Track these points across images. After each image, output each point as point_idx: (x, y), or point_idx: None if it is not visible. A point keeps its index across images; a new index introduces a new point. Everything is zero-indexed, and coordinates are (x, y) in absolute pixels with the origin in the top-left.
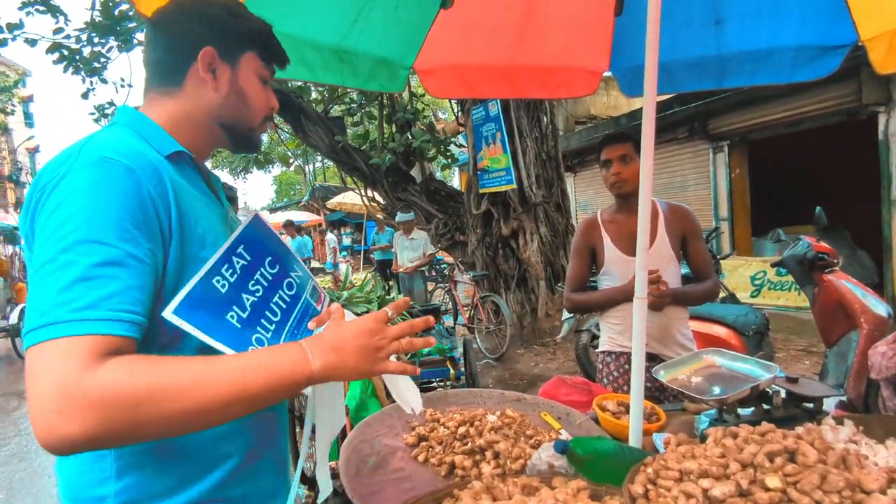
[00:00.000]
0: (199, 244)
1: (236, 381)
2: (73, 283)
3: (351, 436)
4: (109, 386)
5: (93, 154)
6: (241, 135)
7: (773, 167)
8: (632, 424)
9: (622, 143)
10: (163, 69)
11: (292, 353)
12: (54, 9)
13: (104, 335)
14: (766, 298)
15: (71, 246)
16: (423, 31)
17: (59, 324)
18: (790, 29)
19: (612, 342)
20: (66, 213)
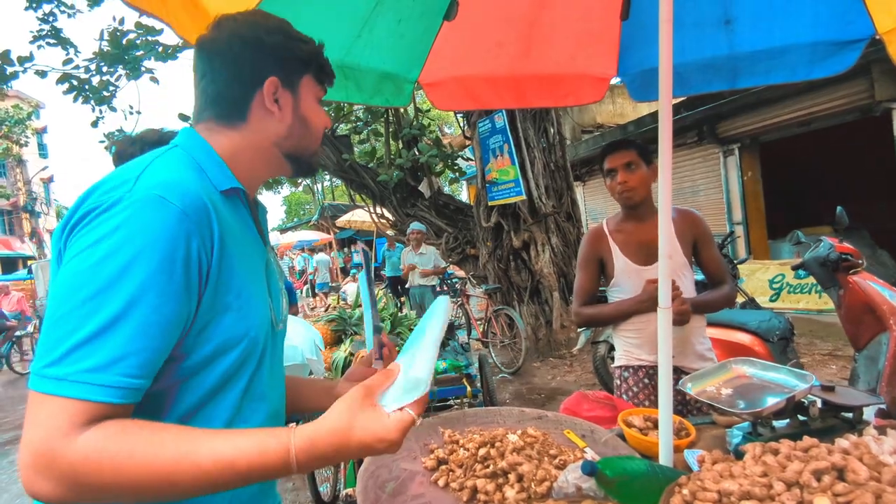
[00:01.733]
0: (235, 292)
1: (206, 476)
2: (92, 336)
3: (367, 461)
4: (80, 459)
5: (149, 189)
6: (304, 161)
7: (786, 169)
8: (661, 441)
9: (626, 150)
10: (224, 102)
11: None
12: (64, 41)
13: (99, 402)
14: (786, 302)
15: (101, 291)
16: (427, 45)
17: (61, 381)
18: (804, 25)
19: (628, 356)
20: (106, 250)
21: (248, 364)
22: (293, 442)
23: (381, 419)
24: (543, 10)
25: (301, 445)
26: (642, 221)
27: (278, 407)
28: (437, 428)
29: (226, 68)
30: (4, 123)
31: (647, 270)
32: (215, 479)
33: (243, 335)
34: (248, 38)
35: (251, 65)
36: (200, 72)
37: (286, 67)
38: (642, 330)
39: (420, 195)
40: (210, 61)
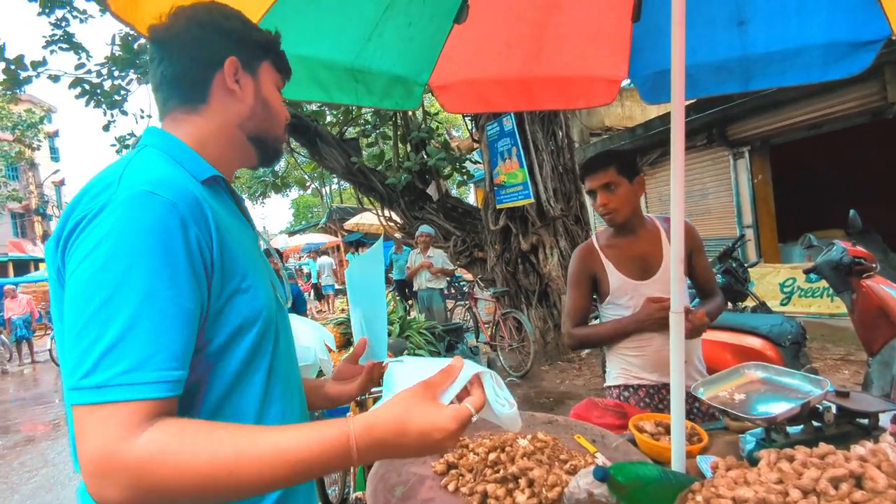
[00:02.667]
0: (240, 277)
1: (269, 470)
2: (118, 339)
3: (377, 465)
4: (145, 462)
5: (134, 186)
6: (269, 145)
7: (796, 171)
8: (674, 446)
9: (603, 169)
10: (184, 85)
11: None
12: (76, 45)
13: (147, 400)
14: (797, 306)
15: (113, 295)
16: (438, 48)
17: (103, 388)
18: (819, 26)
19: (627, 375)
20: (106, 255)
21: (266, 343)
22: (352, 429)
23: (439, 408)
24: (554, 13)
25: (360, 432)
26: (634, 235)
27: (300, 388)
28: None
29: (184, 51)
30: (17, 127)
31: (645, 285)
32: (277, 472)
33: (258, 314)
34: (205, 21)
35: (210, 46)
36: (157, 60)
37: (245, 50)
38: (644, 347)
39: (428, 198)
40: (167, 47)
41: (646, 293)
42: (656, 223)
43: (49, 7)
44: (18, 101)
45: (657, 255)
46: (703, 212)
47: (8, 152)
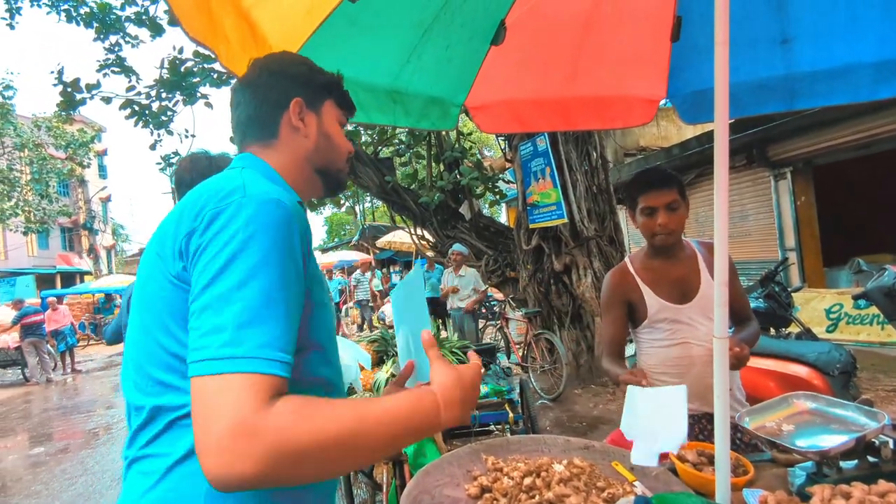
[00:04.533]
0: (319, 288)
1: (386, 430)
2: (252, 318)
3: (410, 486)
4: (282, 428)
5: (262, 194)
6: (333, 177)
7: (842, 193)
8: (718, 478)
9: (669, 187)
10: (257, 124)
11: (428, 407)
12: (127, 69)
13: (274, 375)
14: (844, 333)
15: (249, 278)
16: (475, 69)
17: (239, 359)
18: (868, 44)
19: None
20: (243, 242)
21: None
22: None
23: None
24: (591, 33)
25: (439, 391)
26: (672, 258)
27: None
28: (480, 454)
29: (256, 95)
30: (70, 146)
31: (685, 309)
32: (393, 431)
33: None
34: (273, 68)
35: (277, 89)
36: (235, 103)
37: (309, 91)
38: (684, 375)
39: (461, 217)
40: (244, 92)
41: (685, 317)
42: (692, 246)
43: (104, 33)
44: (73, 121)
45: (695, 278)
46: (742, 234)
47: (61, 170)
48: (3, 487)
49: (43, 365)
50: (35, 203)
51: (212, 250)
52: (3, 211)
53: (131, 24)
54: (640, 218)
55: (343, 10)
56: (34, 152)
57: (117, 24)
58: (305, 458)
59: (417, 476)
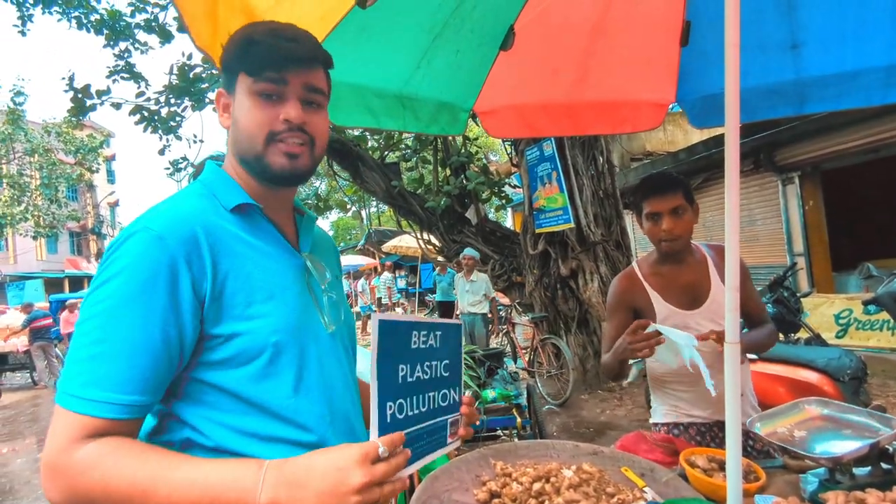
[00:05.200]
0: (244, 303)
1: (179, 499)
2: (88, 355)
3: (419, 491)
4: (76, 473)
5: (139, 222)
6: (254, 164)
7: (851, 198)
8: (730, 484)
9: (674, 192)
10: None
11: (245, 480)
12: (137, 75)
13: (96, 417)
14: (854, 339)
15: (94, 316)
16: (483, 74)
17: (68, 395)
18: (879, 48)
19: (677, 412)
20: (102, 279)
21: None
22: (268, 462)
23: (348, 446)
24: (600, 38)
25: (273, 464)
26: (681, 263)
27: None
28: (489, 459)
29: None
30: (79, 151)
31: (694, 315)
32: (193, 499)
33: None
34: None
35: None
36: None
37: (226, 73)
38: (695, 383)
39: (467, 222)
40: None
41: (695, 324)
42: (702, 250)
43: (114, 40)
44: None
45: (705, 283)
46: (750, 239)
47: (70, 174)
48: (11, 490)
49: (51, 368)
50: (44, 208)
51: None
52: (14, 216)
53: (141, 31)
54: (645, 223)
55: (354, 17)
56: (44, 157)
57: (127, 31)
58: (94, 501)
59: (426, 481)
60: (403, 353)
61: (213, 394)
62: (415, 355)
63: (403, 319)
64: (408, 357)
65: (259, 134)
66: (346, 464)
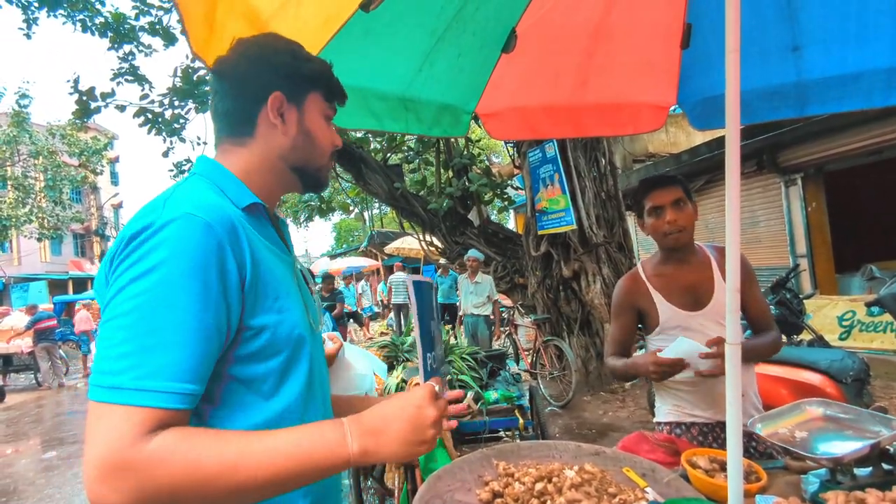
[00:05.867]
0: (273, 297)
1: (270, 466)
2: (141, 346)
3: (422, 490)
4: (153, 466)
5: (176, 209)
6: (311, 175)
7: (854, 199)
8: (731, 484)
9: (673, 185)
10: (234, 119)
11: (331, 434)
12: (141, 77)
13: (159, 408)
14: (857, 341)
15: (144, 304)
16: (486, 76)
17: (120, 390)
18: (881, 50)
19: (679, 411)
20: (144, 268)
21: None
22: (346, 420)
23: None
24: (602, 41)
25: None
26: (684, 263)
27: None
28: (491, 460)
29: (234, 86)
30: (84, 153)
31: (697, 316)
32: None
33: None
34: (254, 56)
35: (256, 81)
36: (213, 92)
37: (291, 84)
38: (698, 383)
39: (469, 223)
40: (221, 81)
41: (697, 325)
42: (705, 251)
43: (118, 42)
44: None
45: (708, 284)
46: (752, 240)
47: (74, 176)
48: (15, 491)
49: (55, 370)
50: (49, 210)
51: (118, 274)
52: (18, 217)
53: (145, 34)
54: (648, 221)
55: (358, 20)
56: (48, 160)
57: (131, 34)
58: (179, 495)
59: (429, 481)
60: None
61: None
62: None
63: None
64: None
65: (328, 150)
66: (420, 402)
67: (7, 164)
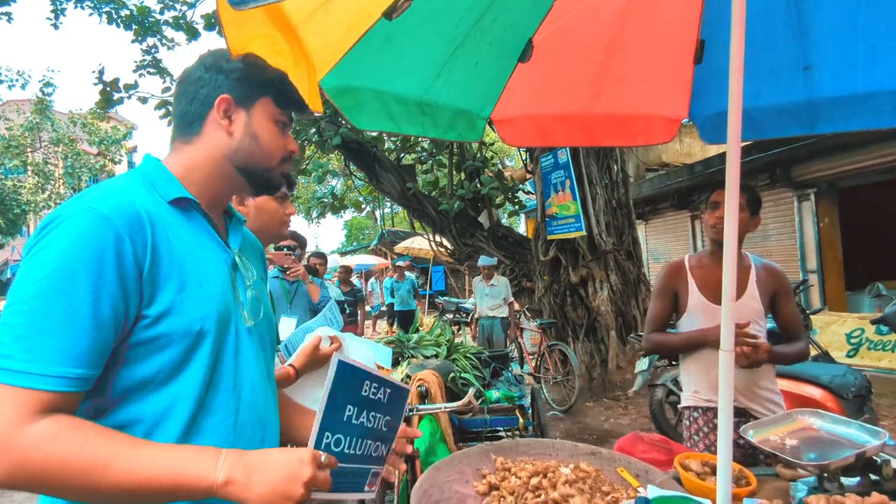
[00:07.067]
0: (176, 288)
1: (139, 474)
2: (33, 331)
3: (421, 480)
4: (30, 448)
5: (81, 203)
6: (258, 176)
7: (868, 217)
8: (719, 486)
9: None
10: (186, 119)
11: (206, 459)
12: (163, 70)
13: (45, 391)
14: (864, 359)
15: (40, 292)
16: (502, 84)
17: (9, 371)
18: (890, 72)
19: (696, 397)
20: (41, 259)
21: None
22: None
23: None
24: (616, 53)
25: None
26: None
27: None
28: (490, 454)
29: (188, 91)
30: (103, 143)
31: (719, 311)
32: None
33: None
34: (208, 63)
35: (208, 85)
36: (175, 96)
37: (241, 87)
38: (710, 370)
39: (479, 226)
40: (180, 87)
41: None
42: (749, 259)
43: (142, 35)
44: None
45: (740, 286)
46: (762, 254)
47: (93, 165)
48: None
49: None
50: (67, 196)
51: (23, 262)
52: (37, 203)
53: (169, 28)
54: (706, 212)
55: (380, 27)
56: (69, 147)
57: (155, 27)
58: (47, 480)
59: (429, 471)
60: (355, 396)
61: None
62: (364, 402)
63: (360, 367)
64: (357, 401)
65: (278, 154)
66: (302, 458)
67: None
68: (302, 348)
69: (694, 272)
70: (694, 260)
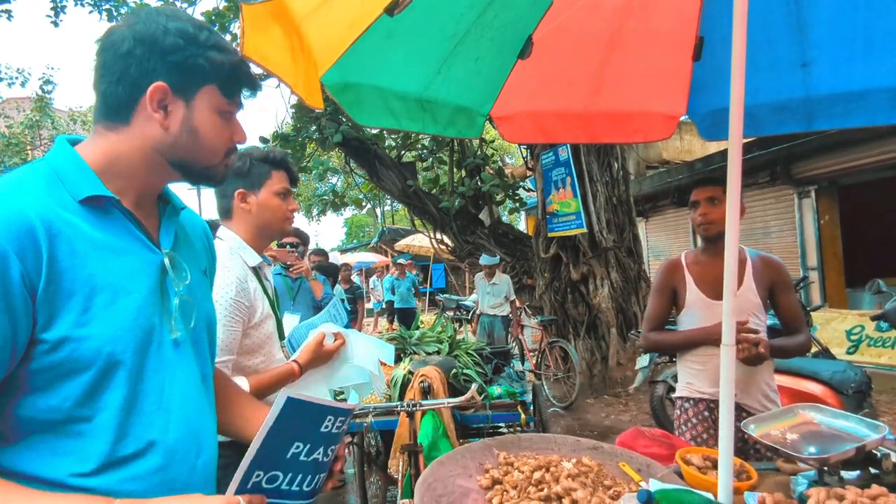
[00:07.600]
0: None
1: None
2: None
3: (425, 474)
4: None
5: None
6: (197, 173)
7: (868, 214)
8: (721, 480)
9: (711, 185)
10: (109, 101)
11: None
12: None
13: None
14: (865, 355)
15: None
16: (501, 81)
17: None
18: (887, 69)
19: (689, 388)
20: None
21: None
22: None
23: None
24: (616, 51)
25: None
26: (719, 257)
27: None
28: (493, 449)
29: (115, 65)
30: None
31: (716, 305)
32: None
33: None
34: (142, 35)
35: (139, 65)
36: (95, 67)
37: (180, 73)
38: (706, 362)
39: (480, 223)
40: (104, 56)
41: (718, 313)
42: (745, 253)
43: None
44: None
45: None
46: (763, 251)
47: None
48: None
49: None
50: None
51: None
52: None
53: None
54: (691, 213)
55: (381, 24)
56: None
57: None
58: None
59: (432, 465)
60: (307, 433)
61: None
62: (320, 438)
63: (316, 402)
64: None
65: (221, 149)
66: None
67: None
68: (306, 344)
69: (691, 269)
70: (690, 257)
